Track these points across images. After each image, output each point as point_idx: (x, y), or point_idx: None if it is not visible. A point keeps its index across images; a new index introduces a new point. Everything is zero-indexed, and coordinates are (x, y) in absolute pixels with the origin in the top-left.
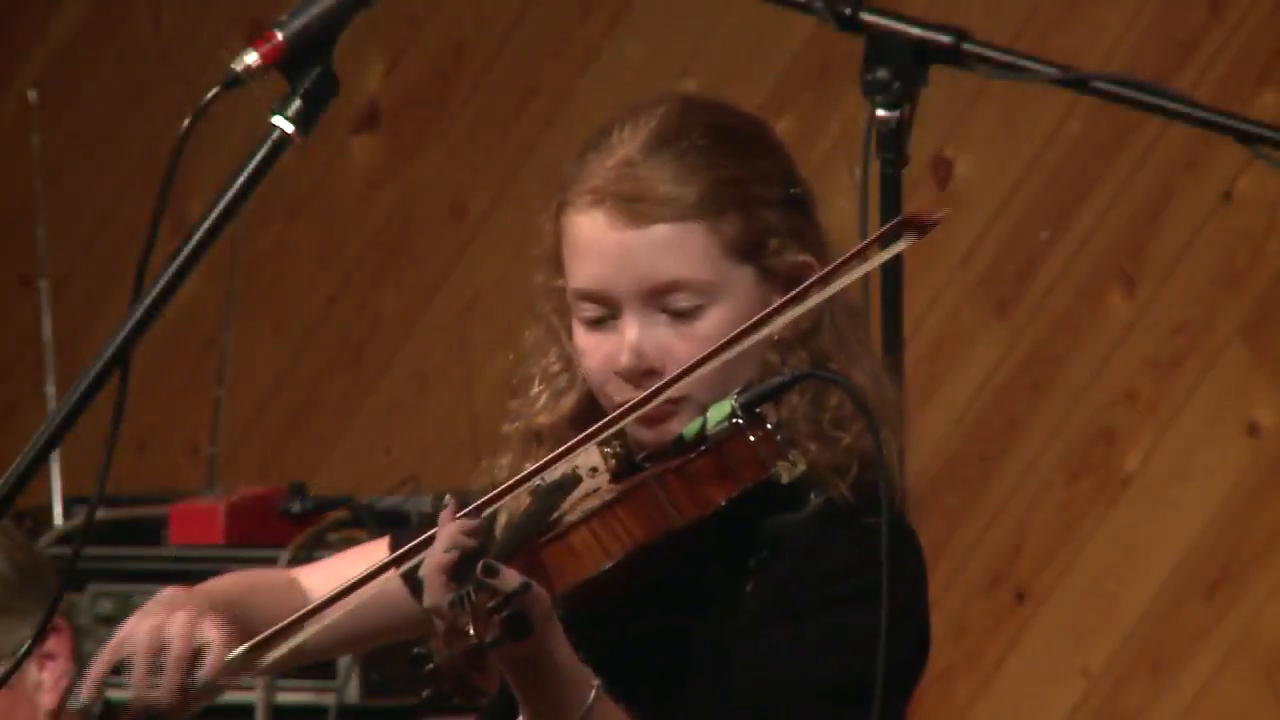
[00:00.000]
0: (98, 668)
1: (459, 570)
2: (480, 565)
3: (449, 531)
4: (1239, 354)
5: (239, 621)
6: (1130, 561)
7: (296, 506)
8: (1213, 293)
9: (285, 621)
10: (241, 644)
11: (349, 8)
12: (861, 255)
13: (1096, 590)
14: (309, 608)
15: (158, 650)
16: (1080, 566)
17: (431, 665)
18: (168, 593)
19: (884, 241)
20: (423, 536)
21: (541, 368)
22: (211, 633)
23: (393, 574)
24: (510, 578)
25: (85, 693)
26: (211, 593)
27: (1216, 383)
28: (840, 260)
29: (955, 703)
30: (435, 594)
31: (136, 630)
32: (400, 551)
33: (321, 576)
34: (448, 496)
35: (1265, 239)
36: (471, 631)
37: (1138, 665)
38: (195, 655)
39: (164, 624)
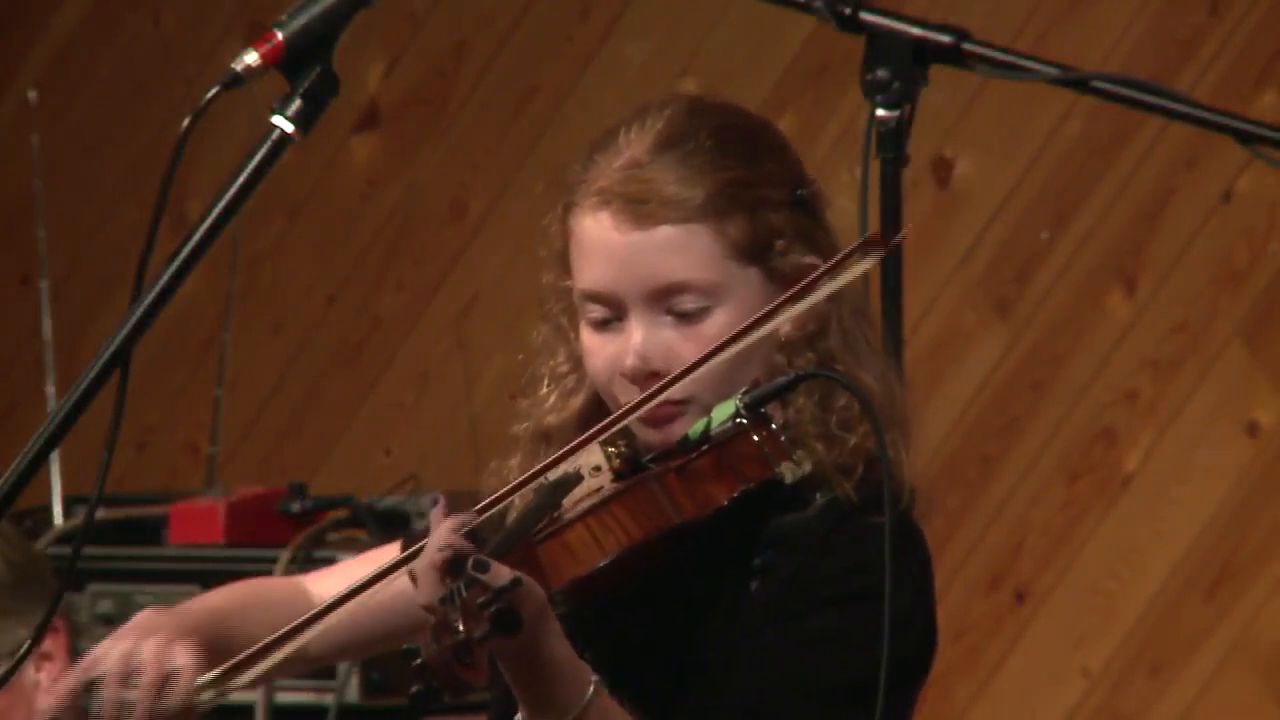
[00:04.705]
0: (65, 686)
1: (452, 566)
2: (472, 561)
3: (443, 529)
4: (1239, 354)
5: (219, 642)
6: (1130, 561)
7: (296, 506)
8: (1213, 293)
9: (257, 646)
10: (215, 667)
11: (349, 8)
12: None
13: (1096, 590)
14: (281, 632)
15: (127, 675)
16: (1080, 566)
17: (419, 660)
18: (143, 615)
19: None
20: (418, 545)
21: (550, 368)
22: (182, 657)
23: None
24: (501, 573)
25: (52, 710)
26: (190, 614)
27: (1216, 383)
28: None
29: (955, 703)
30: (428, 590)
31: (108, 655)
32: (365, 579)
33: (333, 582)
34: (437, 495)
35: (1265, 239)
36: (460, 627)
37: (1138, 665)
38: (166, 680)
39: (134, 649)
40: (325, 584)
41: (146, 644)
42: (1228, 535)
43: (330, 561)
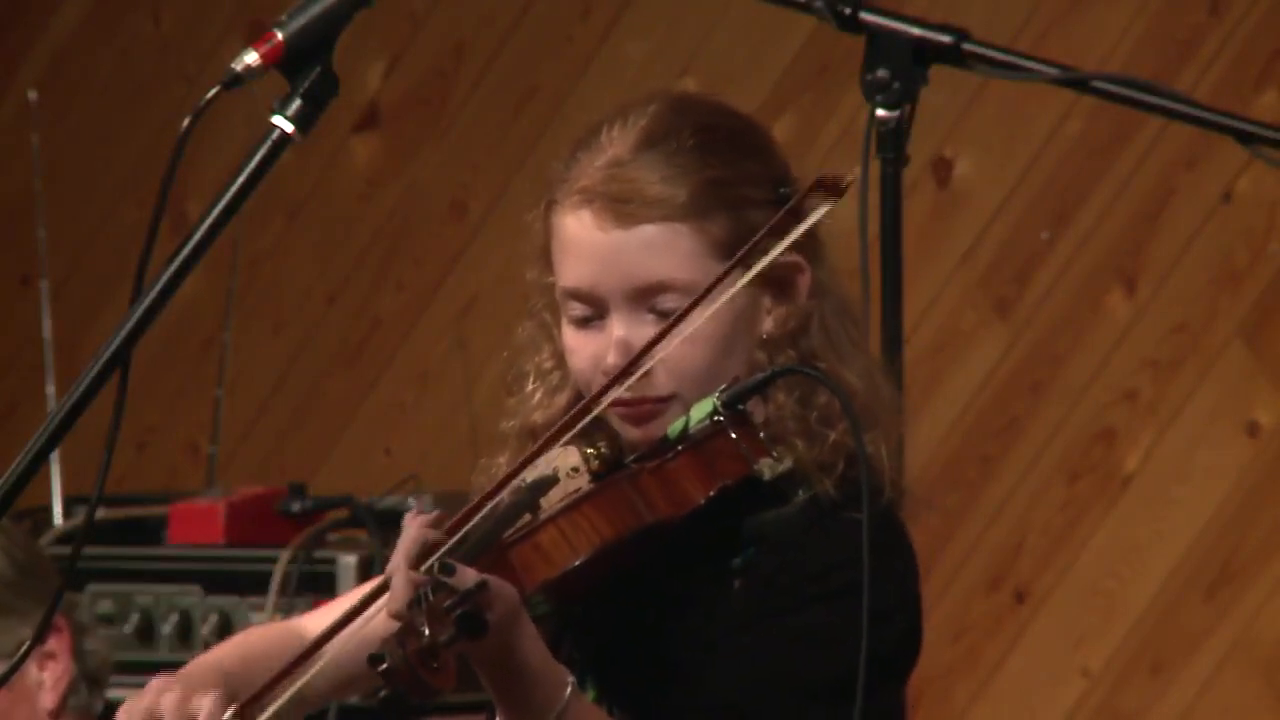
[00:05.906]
0: None
1: (418, 569)
2: (438, 564)
3: (407, 535)
4: (1239, 354)
5: (234, 690)
6: (1130, 561)
7: (296, 506)
8: (1213, 293)
9: (275, 673)
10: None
11: (349, 8)
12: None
13: (1096, 590)
14: (298, 655)
15: None
16: (1080, 566)
17: (385, 665)
18: (156, 681)
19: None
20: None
21: (535, 365)
22: (203, 702)
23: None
24: (467, 576)
25: None
26: (201, 670)
27: (1216, 383)
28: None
29: (955, 703)
30: (396, 595)
31: (130, 713)
32: (358, 603)
33: (329, 619)
34: (411, 500)
35: (1265, 239)
36: (426, 630)
37: (1138, 665)
38: None
39: (155, 703)
40: (322, 621)
41: (165, 698)
42: (1228, 535)
43: (330, 562)
